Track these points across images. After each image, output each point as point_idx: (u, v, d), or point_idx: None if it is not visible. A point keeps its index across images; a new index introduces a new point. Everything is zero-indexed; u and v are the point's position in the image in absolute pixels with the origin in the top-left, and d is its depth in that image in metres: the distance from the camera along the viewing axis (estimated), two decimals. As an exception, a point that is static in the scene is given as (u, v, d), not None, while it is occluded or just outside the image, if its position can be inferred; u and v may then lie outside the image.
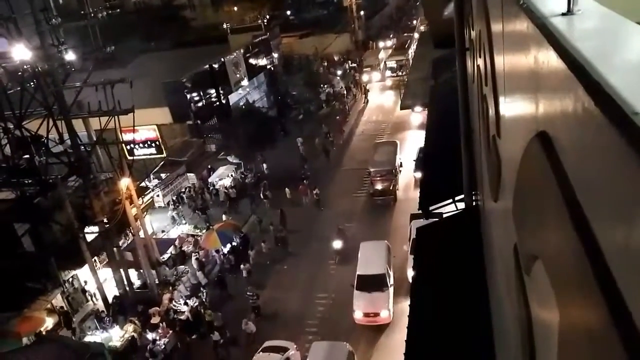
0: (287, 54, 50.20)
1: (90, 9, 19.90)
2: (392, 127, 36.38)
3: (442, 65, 20.80)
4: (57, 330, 18.27)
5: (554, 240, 1.54)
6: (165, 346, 18.22)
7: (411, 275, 8.19)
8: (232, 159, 31.57)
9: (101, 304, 20.21)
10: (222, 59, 33.95)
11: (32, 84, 18.87)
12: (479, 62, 5.24)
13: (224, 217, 25.53)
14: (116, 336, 18.75)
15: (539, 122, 1.79)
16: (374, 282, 18.42)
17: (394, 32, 60.54)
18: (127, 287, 20.71)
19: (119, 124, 18.43)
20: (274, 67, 43.39)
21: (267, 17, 50.82)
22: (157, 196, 26.23)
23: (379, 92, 45.30)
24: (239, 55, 36.30)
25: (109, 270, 20.69)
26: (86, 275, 20.08)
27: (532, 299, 2.12)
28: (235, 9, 59.30)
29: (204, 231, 24.36)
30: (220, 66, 33.69)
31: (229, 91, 34.93)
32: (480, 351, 5.24)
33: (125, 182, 19.67)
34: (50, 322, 18.24)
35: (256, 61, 39.35)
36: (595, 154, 1.15)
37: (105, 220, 19.58)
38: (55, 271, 18.68)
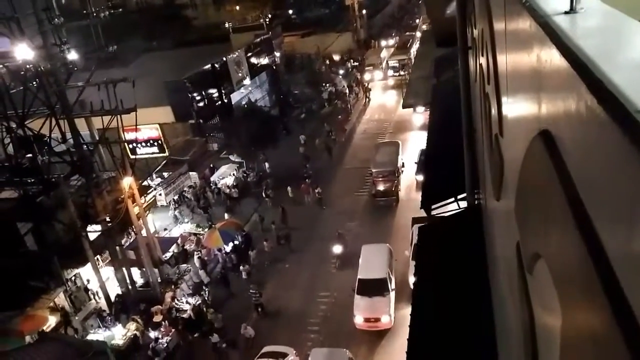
0: (289, 53, 50.16)
1: (92, 9, 19.89)
2: (394, 126, 36.38)
3: (444, 63, 20.81)
4: (59, 328, 18.32)
5: (557, 239, 1.54)
6: (167, 344, 18.26)
7: (413, 281, 8.13)
8: (234, 157, 31.58)
9: (104, 303, 20.27)
10: (224, 58, 33.91)
11: (34, 84, 18.88)
12: (481, 60, 5.23)
13: (226, 216, 25.56)
14: (119, 335, 18.80)
15: (542, 121, 1.78)
16: (375, 287, 18.04)
17: (396, 31, 60.46)
18: (130, 286, 20.76)
19: (121, 123, 18.45)
20: (276, 66, 43.34)
21: (269, 16, 50.61)
22: (160, 195, 26.26)
23: (381, 91, 45.29)
24: (241, 54, 36.28)
25: (112, 268, 20.74)
26: (89, 273, 20.13)
27: (534, 297, 2.12)
28: (237, 8, 59.30)
29: (206, 230, 24.39)
30: (222, 65, 33.66)
31: (231, 90, 34.91)
32: (482, 351, 5.24)
33: (127, 181, 19.72)
34: (53, 321, 18.28)
35: (258, 60, 39.33)
36: (598, 152, 1.15)
37: (107, 219, 19.63)
38: (58, 270, 18.72)
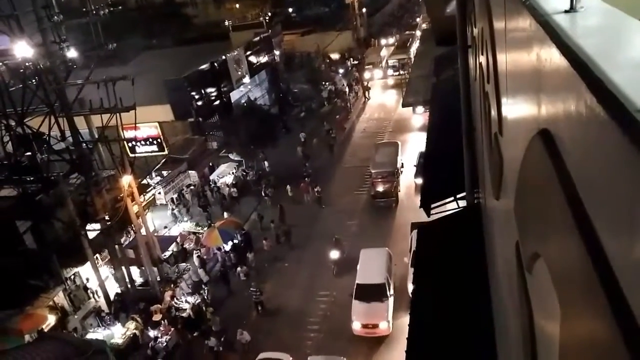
0: (289, 51, 50.13)
1: (91, 6, 19.84)
2: (394, 125, 36.37)
3: (444, 62, 20.80)
4: (59, 327, 18.31)
5: (556, 238, 1.54)
6: (167, 343, 18.26)
7: (411, 289, 8.02)
8: (233, 156, 31.57)
9: (103, 302, 20.26)
10: (224, 56, 33.91)
11: (34, 81, 18.85)
12: (481, 59, 5.23)
13: (225, 215, 25.55)
14: (118, 333, 18.78)
15: (541, 120, 1.78)
16: (373, 292, 17.72)
17: (396, 30, 60.43)
18: (129, 285, 20.75)
19: (120, 122, 18.43)
20: (275, 64, 43.32)
21: (269, 14, 50.70)
22: (159, 194, 26.27)
23: (381, 90, 45.27)
24: (241, 52, 36.26)
25: (111, 267, 20.74)
26: (88, 272, 20.13)
27: (533, 297, 2.12)
28: (237, 6, 59.31)
29: (206, 229, 24.38)
30: (221, 63, 33.65)
31: (231, 88, 34.91)
32: (482, 351, 5.24)
33: (126, 180, 19.70)
34: (52, 320, 18.28)
35: (258, 58, 39.30)
36: (597, 151, 1.15)
37: (106, 217, 19.62)
38: (57, 268, 18.71)
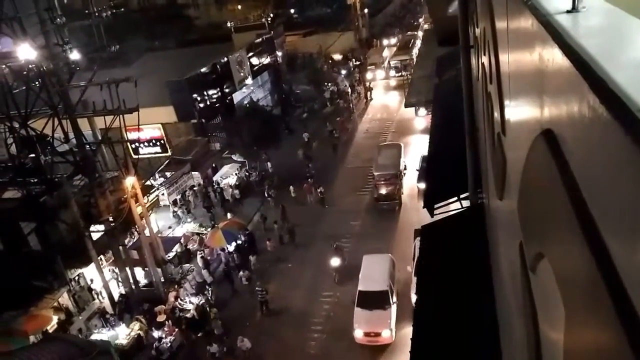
0: (291, 52, 50.12)
1: (94, 8, 19.91)
2: (396, 125, 36.31)
3: (446, 63, 20.77)
4: (63, 328, 18.36)
5: (560, 238, 1.54)
6: (171, 344, 18.28)
7: (415, 298, 7.86)
8: (236, 157, 31.58)
9: (107, 303, 20.30)
10: (226, 58, 33.94)
11: (37, 84, 18.92)
12: (483, 59, 5.23)
13: (229, 216, 25.57)
14: (122, 334, 18.83)
15: (544, 120, 1.78)
16: (375, 299, 17.37)
17: (398, 30, 60.37)
18: (133, 286, 20.79)
19: (123, 123, 18.48)
20: (278, 65, 43.34)
21: (271, 15, 50.64)
22: (162, 195, 26.30)
23: (383, 91, 45.21)
24: (243, 53, 36.27)
25: (115, 268, 20.78)
26: (92, 273, 20.17)
27: (537, 297, 2.12)
28: (239, 7, 59.32)
29: (209, 229, 24.41)
30: (224, 65, 33.67)
31: (233, 90, 34.91)
32: (486, 353, 5.23)
33: (130, 181, 19.73)
34: (56, 320, 18.32)
35: (260, 60, 39.31)
36: (600, 151, 1.15)
37: (110, 218, 19.66)
38: (61, 269, 18.74)
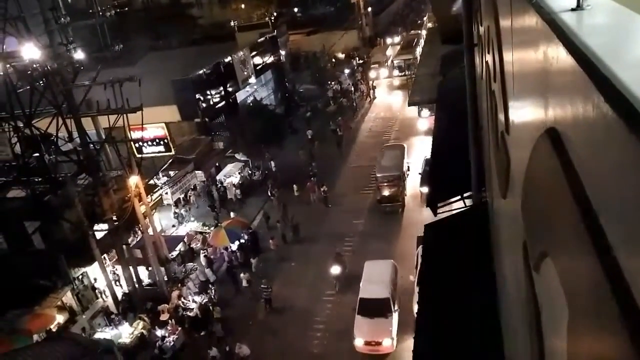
0: (295, 51, 50.14)
1: (98, 8, 19.97)
2: (400, 124, 36.26)
3: (450, 61, 20.69)
4: (67, 327, 18.43)
5: (564, 237, 1.53)
6: (174, 343, 18.33)
7: (417, 310, 7.71)
8: (240, 156, 31.61)
9: (111, 301, 20.36)
10: (230, 57, 33.98)
11: (41, 83, 18.99)
12: (487, 58, 5.21)
13: (232, 215, 25.60)
14: (126, 333, 18.88)
15: (548, 119, 1.77)
16: (377, 307, 17.01)
17: (402, 28, 60.30)
18: (137, 284, 20.85)
19: (127, 122, 18.53)
20: (281, 64, 43.35)
21: (274, 14, 50.70)
22: (166, 194, 26.35)
23: (387, 90, 45.13)
24: (246, 52, 36.30)
25: (119, 267, 20.84)
26: (96, 272, 20.24)
27: (541, 297, 2.11)
28: (242, 6, 59.33)
29: (212, 228, 24.45)
30: (227, 64, 33.74)
31: (237, 89, 34.97)
32: (489, 353, 5.22)
33: (134, 180, 19.78)
34: (60, 319, 18.39)
35: (263, 59, 39.34)
36: (605, 150, 1.14)
37: (114, 217, 19.71)
38: (65, 268, 18.82)
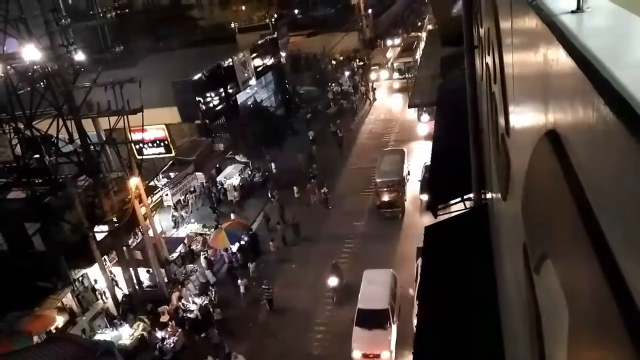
0: (295, 52, 50.16)
1: (99, 9, 19.99)
2: (400, 126, 36.24)
3: (450, 63, 20.71)
4: (67, 328, 18.43)
5: (564, 239, 1.53)
6: (174, 344, 18.32)
7: (416, 324, 7.61)
8: (240, 158, 31.62)
9: (111, 303, 20.35)
10: (230, 59, 34.00)
11: (42, 84, 19.01)
12: (487, 60, 5.22)
13: (232, 216, 25.60)
14: (126, 335, 18.88)
15: (549, 121, 1.78)
16: (375, 318, 16.63)
17: (403, 30, 60.32)
18: (137, 286, 20.83)
19: (128, 124, 18.54)
20: (281, 66, 43.36)
21: (275, 16, 50.73)
22: (166, 195, 26.34)
23: (387, 92, 45.11)
24: (247, 54, 36.31)
25: (119, 268, 20.82)
26: (96, 274, 20.22)
27: (541, 299, 2.11)
28: (243, 8, 59.35)
29: (213, 230, 24.43)
30: (228, 65, 33.75)
31: (237, 90, 34.97)
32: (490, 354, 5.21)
33: (134, 182, 19.79)
34: (60, 321, 18.39)
35: (264, 60, 39.35)
36: (605, 153, 1.14)
37: (114, 219, 19.71)
38: (65, 270, 18.80)
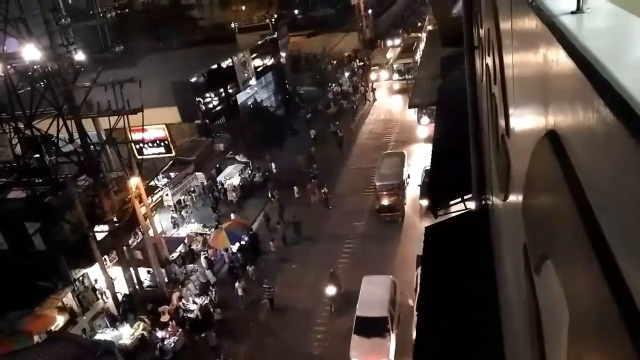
0: (295, 52, 50.17)
1: (99, 9, 20.00)
2: (400, 127, 36.23)
3: (450, 64, 20.72)
4: (67, 328, 18.43)
5: (564, 240, 1.53)
6: (174, 344, 18.32)
7: (415, 335, 7.50)
8: (240, 158, 31.62)
9: (111, 303, 20.35)
10: (230, 59, 34.00)
11: (42, 84, 19.01)
12: (487, 60, 5.21)
13: (232, 216, 25.60)
14: (126, 334, 18.88)
15: (548, 122, 1.78)
16: (374, 326, 16.44)
17: (403, 30, 60.32)
18: (137, 286, 20.83)
19: (128, 124, 18.54)
20: (281, 66, 43.37)
21: (275, 16, 50.80)
22: (166, 195, 26.36)
23: (387, 92, 45.10)
24: (247, 54, 36.34)
25: (119, 268, 20.82)
26: (96, 273, 20.23)
27: (541, 299, 2.11)
28: (243, 8, 59.38)
29: (213, 230, 24.43)
30: (228, 65, 33.76)
31: (237, 90, 35.00)
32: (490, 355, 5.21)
33: (134, 181, 19.79)
34: (61, 321, 18.39)
35: (264, 60, 39.38)
36: (605, 153, 1.14)
37: (115, 219, 19.72)
38: (65, 270, 18.81)
